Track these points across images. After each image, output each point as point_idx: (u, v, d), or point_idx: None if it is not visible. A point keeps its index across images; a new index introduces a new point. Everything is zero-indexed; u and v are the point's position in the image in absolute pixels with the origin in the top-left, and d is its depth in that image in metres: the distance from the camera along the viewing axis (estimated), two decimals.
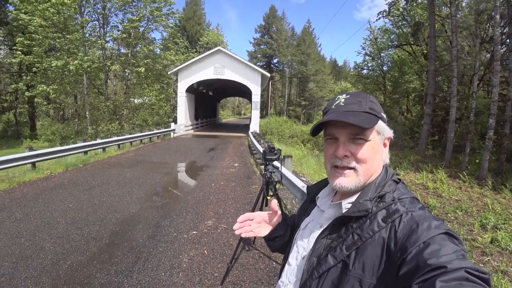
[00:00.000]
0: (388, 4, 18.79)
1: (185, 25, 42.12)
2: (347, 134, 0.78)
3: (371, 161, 0.78)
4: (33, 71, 18.31)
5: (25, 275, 2.99)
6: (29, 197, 5.60)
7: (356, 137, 0.77)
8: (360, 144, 0.77)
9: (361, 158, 0.77)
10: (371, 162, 0.78)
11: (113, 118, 20.25)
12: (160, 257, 3.44)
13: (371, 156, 0.78)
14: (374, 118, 0.78)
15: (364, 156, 0.77)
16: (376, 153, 0.79)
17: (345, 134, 0.78)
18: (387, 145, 0.84)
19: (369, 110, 0.78)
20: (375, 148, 0.79)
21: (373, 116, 0.78)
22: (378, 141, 0.80)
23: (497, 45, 10.81)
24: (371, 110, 0.79)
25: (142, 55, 21.62)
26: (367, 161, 0.78)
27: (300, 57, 43.52)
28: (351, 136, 0.78)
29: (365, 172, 0.78)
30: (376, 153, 0.79)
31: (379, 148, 0.81)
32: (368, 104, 0.79)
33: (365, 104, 0.79)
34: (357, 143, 0.78)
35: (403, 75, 21.93)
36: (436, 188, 8.92)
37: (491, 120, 10.61)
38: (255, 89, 20.74)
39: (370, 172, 0.79)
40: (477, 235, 5.49)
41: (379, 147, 0.81)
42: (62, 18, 17.02)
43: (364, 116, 0.77)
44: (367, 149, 0.77)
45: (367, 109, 0.78)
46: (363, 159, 0.77)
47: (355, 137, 0.78)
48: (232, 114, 73.61)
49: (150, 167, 8.78)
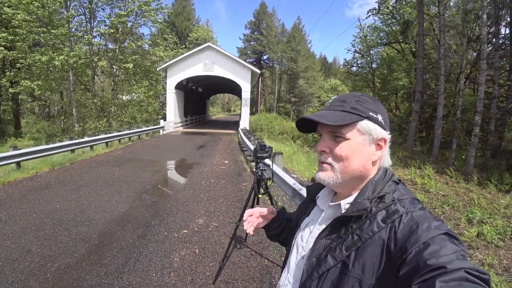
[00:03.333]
0: (378, 2, 18.96)
1: (174, 20, 41.63)
2: (327, 132, 0.81)
3: (348, 159, 0.77)
4: (17, 67, 17.75)
5: (11, 279, 2.90)
6: (14, 198, 5.44)
7: (335, 135, 0.79)
8: (339, 141, 0.78)
9: (337, 155, 0.78)
10: (349, 161, 0.78)
11: (101, 115, 19.84)
12: (151, 257, 3.40)
13: (348, 154, 0.77)
14: (355, 116, 0.77)
15: (339, 154, 0.78)
16: (356, 153, 0.78)
17: (325, 131, 0.81)
18: (382, 147, 0.80)
19: (350, 110, 0.78)
20: (355, 147, 0.78)
21: (353, 115, 0.77)
22: (360, 141, 0.78)
23: (484, 44, 11.05)
24: (353, 109, 0.78)
25: (130, 51, 21.21)
26: (343, 159, 0.78)
27: (290, 54, 43.61)
28: (331, 134, 0.80)
29: (342, 169, 0.78)
30: (356, 152, 0.78)
31: (360, 148, 0.78)
32: (351, 104, 0.79)
33: (348, 104, 0.79)
34: (336, 141, 0.79)
35: (392, 72, 22.24)
36: (424, 184, 9.10)
37: (477, 117, 10.87)
38: (245, 86, 20.69)
39: (348, 170, 0.78)
40: (463, 229, 5.63)
41: (361, 147, 0.78)
42: (47, 12, 16.52)
43: (339, 114, 0.77)
44: (344, 147, 0.78)
45: (348, 109, 0.78)
46: (339, 156, 0.78)
47: (334, 135, 0.79)
48: (222, 110, 73.33)
49: (139, 165, 8.66)
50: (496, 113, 11.42)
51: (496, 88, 11.45)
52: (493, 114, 11.33)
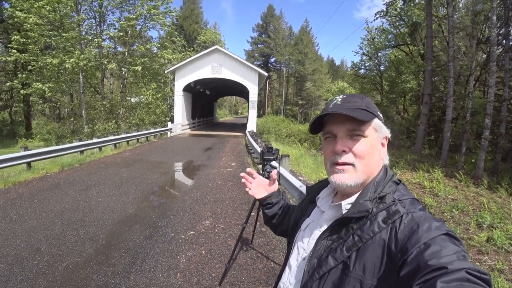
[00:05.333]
0: (386, 4, 18.83)
1: (183, 23, 41.98)
2: (345, 130, 0.79)
3: (369, 157, 0.79)
4: (28, 69, 18.13)
5: (20, 277, 2.96)
6: (24, 198, 5.55)
7: (354, 133, 0.79)
8: (358, 139, 0.79)
9: (359, 154, 0.78)
10: (369, 159, 0.79)
11: (110, 117, 20.12)
12: (158, 258, 3.43)
13: (369, 152, 0.79)
14: (371, 114, 0.79)
15: (362, 152, 0.78)
16: (374, 150, 0.80)
17: (343, 130, 0.80)
18: (385, 145, 0.85)
19: (366, 108, 0.80)
20: (373, 145, 0.80)
21: (369, 113, 0.79)
22: (375, 138, 0.81)
23: (494, 46, 10.87)
24: (368, 107, 0.80)
25: (139, 54, 21.50)
26: (365, 157, 0.78)
27: (298, 57, 43.53)
28: (349, 132, 0.79)
29: (364, 168, 0.79)
30: (374, 149, 0.80)
31: (377, 145, 0.81)
32: (364, 103, 0.81)
33: (361, 102, 0.81)
34: (355, 139, 0.79)
35: (400, 75, 22.01)
36: (432, 188, 8.96)
37: (487, 120, 10.68)
38: (253, 88, 20.73)
39: (368, 169, 0.79)
40: (473, 234, 5.53)
41: (377, 144, 0.82)
42: (58, 16, 16.87)
43: (361, 112, 0.78)
44: (364, 145, 0.78)
45: (364, 106, 0.80)
46: (361, 155, 0.78)
47: (353, 133, 0.79)
48: (229, 113, 73.51)
49: (147, 166, 8.74)
50: (506, 116, 11.21)
51: (507, 90, 11.24)
52: (504, 116, 11.13)
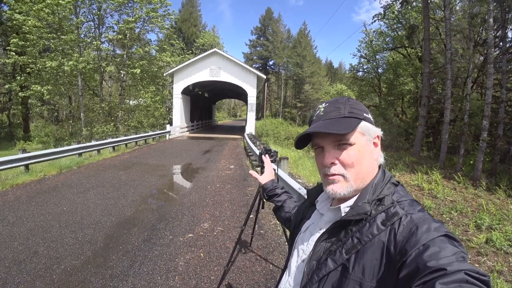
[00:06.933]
0: (383, 7, 18.94)
1: (181, 26, 42.13)
2: (330, 142, 0.79)
3: (359, 164, 0.78)
4: (27, 72, 18.13)
5: (18, 280, 2.94)
6: (22, 200, 5.53)
7: (340, 143, 0.78)
8: (345, 148, 0.78)
9: (348, 163, 0.77)
10: (359, 166, 0.78)
11: (108, 119, 20.11)
12: (156, 261, 3.41)
13: (358, 159, 0.78)
14: (355, 120, 0.79)
15: (350, 161, 0.77)
16: (363, 155, 0.79)
17: (328, 142, 0.79)
18: (378, 144, 0.84)
19: (349, 114, 0.79)
20: (362, 151, 0.79)
21: (353, 119, 0.79)
22: (364, 143, 0.80)
23: (491, 48, 10.94)
24: (351, 113, 0.80)
25: (138, 57, 21.52)
26: (354, 165, 0.78)
27: (296, 59, 43.66)
28: (335, 143, 0.79)
29: (355, 176, 0.78)
30: (363, 155, 0.79)
31: (366, 149, 0.80)
32: (347, 109, 0.80)
33: (344, 109, 0.80)
34: (342, 149, 0.78)
35: (398, 77, 22.10)
36: (431, 189, 8.98)
37: (485, 121, 10.73)
38: (251, 91, 20.76)
39: (360, 176, 0.79)
40: (472, 235, 5.54)
41: (366, 148, 0.80)
42: (57, 19, 16.88)
43: (343, 121, 0.78)
44: (353, 153, 0.78)
45: (346, 114, 0.79)
46: (349, 164, 0.78)
47: (339, 143, 0.78)
48: (228, 116, 73.57)
49: (145, 169, 8.72)
50: (504, 118, 11.27)
51: (504, 92, 11.31)
52: (501, 118, 11.19)
